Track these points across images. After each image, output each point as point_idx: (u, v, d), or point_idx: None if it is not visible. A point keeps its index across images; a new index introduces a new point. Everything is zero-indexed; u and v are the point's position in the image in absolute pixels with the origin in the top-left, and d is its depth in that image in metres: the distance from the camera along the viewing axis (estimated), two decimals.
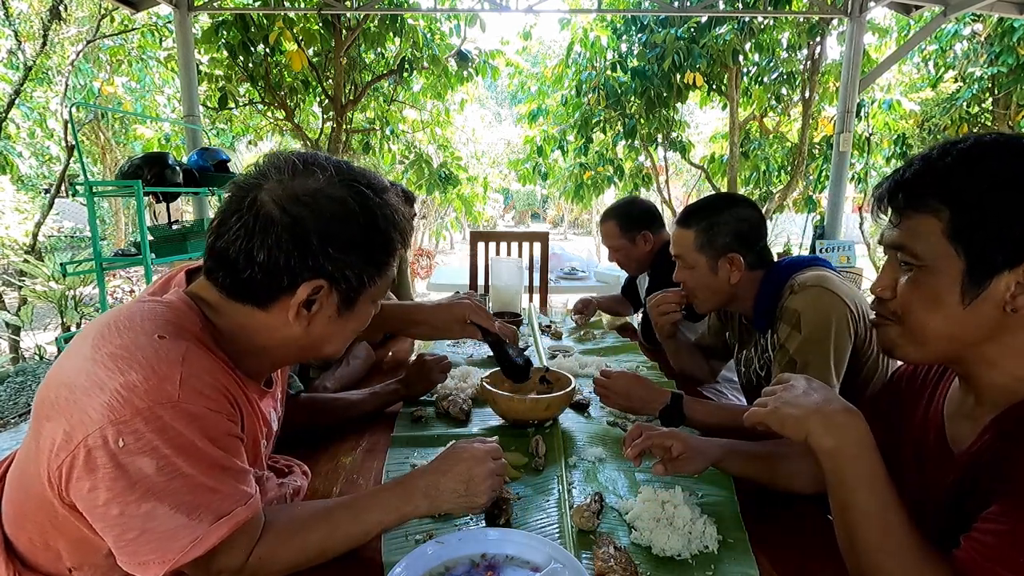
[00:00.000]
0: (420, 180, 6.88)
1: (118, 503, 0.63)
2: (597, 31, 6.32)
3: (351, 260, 0.73)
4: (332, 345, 0.82)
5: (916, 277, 0.71)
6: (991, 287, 0.65)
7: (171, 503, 0.64)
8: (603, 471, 1.12)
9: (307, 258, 0.70)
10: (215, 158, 3.86)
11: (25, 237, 6.18)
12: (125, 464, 0.62)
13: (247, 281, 0.71)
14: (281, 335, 0.76)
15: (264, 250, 0.69)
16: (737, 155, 6.64)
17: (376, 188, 0.75)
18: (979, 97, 7.04)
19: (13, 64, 6.61)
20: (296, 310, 0.73)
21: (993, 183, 0.64)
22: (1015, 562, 0.59)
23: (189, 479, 0.65)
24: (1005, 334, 0.68)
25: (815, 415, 0.73)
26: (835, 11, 4.95)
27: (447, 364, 1.50)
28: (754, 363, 1.47)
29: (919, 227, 0.69)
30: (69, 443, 0.62)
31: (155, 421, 0.62)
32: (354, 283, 0.74)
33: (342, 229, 0.71)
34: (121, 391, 0.62)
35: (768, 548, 0.87)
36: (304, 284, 0.71)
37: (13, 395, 4.10)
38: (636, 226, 2.15)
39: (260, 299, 0.73)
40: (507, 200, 19.89)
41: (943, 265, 0.67)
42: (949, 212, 0.66)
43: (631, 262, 2.23)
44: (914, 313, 0.71)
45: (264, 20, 5.09)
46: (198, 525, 0.65)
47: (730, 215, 1.38)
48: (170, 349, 0.66)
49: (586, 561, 0.84)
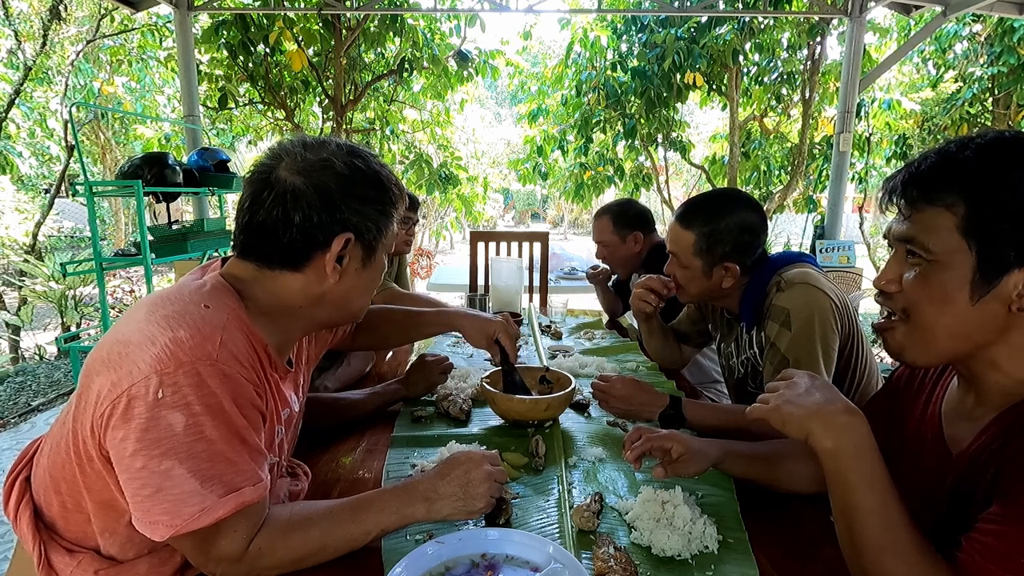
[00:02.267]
0: (420, 180, 6.88)
1: (143, 455, 0.67)
2: (597, 31, 6.32)
3: (369, 211, 0.83)
4: (360, 299, 0.89)
5: (925, 272, 0.69)
6: (1001, 285, 0.64)
7: (189, 466, 0.68)
8: (603, 471, 1.12)
9: (335, 213, 0.79)
10: (215, 158, 3.86)
11: (25, 237, 6.19)
12: (159, 417, 0.67)
13: (288, 245, 0.79)
14: (316, 293, 0.83)
15: (299, 212, 0.78)
16: (737, 155, 6.64)
17: (372, 155, 0.87)
18: (979, 97, 7.04)
19: (13, 64, 6.61)
20: (332, 265, 0.81)
21: (1011, 179, 0.63)
22: (1015, 563, 0.59)
23: (210, 444, 0.69)
24: (1010, 333, 0.67)
25: (816, 415, 0.72)
26: (835, 11, 4.95)
27: (447, 364, 1.50)
28: (734, 356, 1.48)
29: (932, 220, 0.67)
30: (115, 390, 0.68)
31: (194, 376, 0.68)
32: (375, 232, 0.84)
33: (358, 187, 0.82)
34: (170, 345, 0.69)
35: (768, 548, 0.87)
36: (337, 238, 0.80)
37: (13, 395, 4.10)
38: (629, 225, 2.18)
39: (297, 261, 0.80)
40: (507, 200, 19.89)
41: (954, 260, 0.66)
42: (965, 207, 0.65)
43: (617, 260, 2.26)
44: (922, 309, 0.70)
45: (264, 20, 5.10)
46: (208, 495, 0.68)
47: (733, 221, 1.33)
48: (214, 316, 0.74)
49: (586, 561, 0.84)
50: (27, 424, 3.63)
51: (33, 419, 3.71)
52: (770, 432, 0.79)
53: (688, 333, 1.75)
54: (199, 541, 0.71)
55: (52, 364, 4.86)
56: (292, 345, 0.92)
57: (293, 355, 0.96)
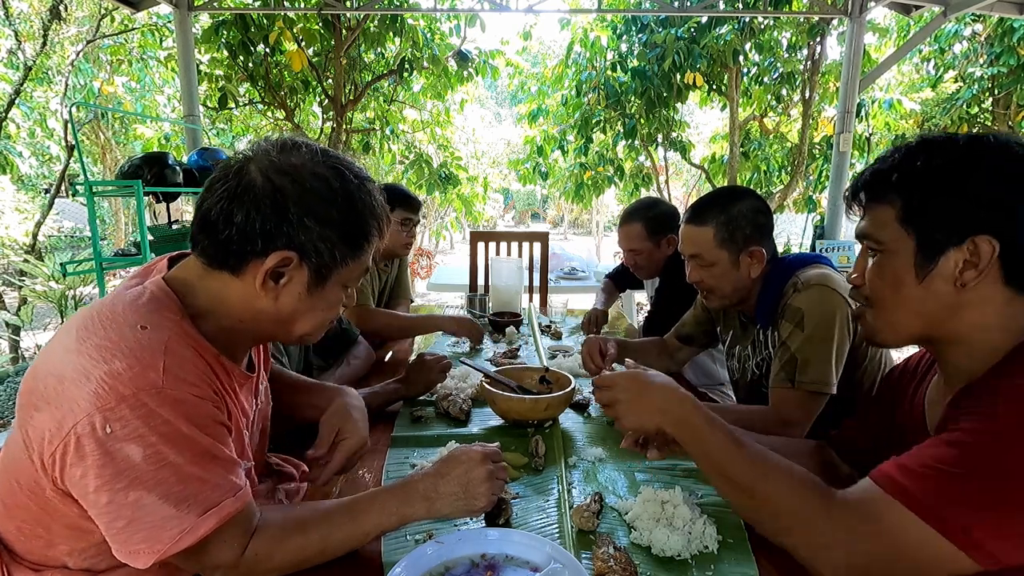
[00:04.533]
0: (420, 180, 6.88)
1: (107, 491, 0.64)
2: (597, 31, 6.32)
3: (325, 234, 0.75)
4: (303, 325, 0.81)
5: (879, 261, 0.80)
6: (940, 264, 0.73)
7: (159, 493, 0.65)
8: (603, 471, 1.12)
9: (282, 225, 0.72)
10: (215, 158, 3.86)
11: (25, 237, 6.19)
12: (112, 451, 0.63)
13: (224, 243, 0.73)
14: (254, 307, 0.77)
15: (243, 212, 0.71)
16: (737, 155, 6.64)
17: (357, 174, 0.79)
18: (979, 97, 7.04)
19: (13, 64, 6.61)
20: (263, 278, 0.74)
21: (933, 173, 0.74)
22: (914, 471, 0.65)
23: (176, 468, 0.66)
24: (963, 311, 0.74)
25: (657, 413, 0.87)
26: (835, 11, 4.95)
27: (447, 364, 1.50)
28: (751, 359, 1.47)
29: (879, 216, 0.79)
30: (60, 431, 0.64)
31: (140, 408, 0.64)
32: (326, 259, 0.76)
33: (320, 204, 0.74)
34: (106, 379, 0.64)
35: (768, 548, 0.87)
36: (274, 252, 0.73)
37: (13, 395, 4.10)
38: (661, 229, 2.09)
39: (234, 264, 0.74)
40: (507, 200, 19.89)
41: (899, 247, 0.77)
42: (900, 200, 0.76)
43: (650, 265, 2.16)
44: (880, 294, 0.81)
45: (264, 20, 5.09)
46: (186, 516, 0.66)
47: (744, 207, 1.34)
48: (152, 339, 0.68)
49: (586, 561, 0.84)
50: None
51: None
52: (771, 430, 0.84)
53: (693, 335, 1.74)
54: (188, 557, 0.70)
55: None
56: (246, 350, 0.87)
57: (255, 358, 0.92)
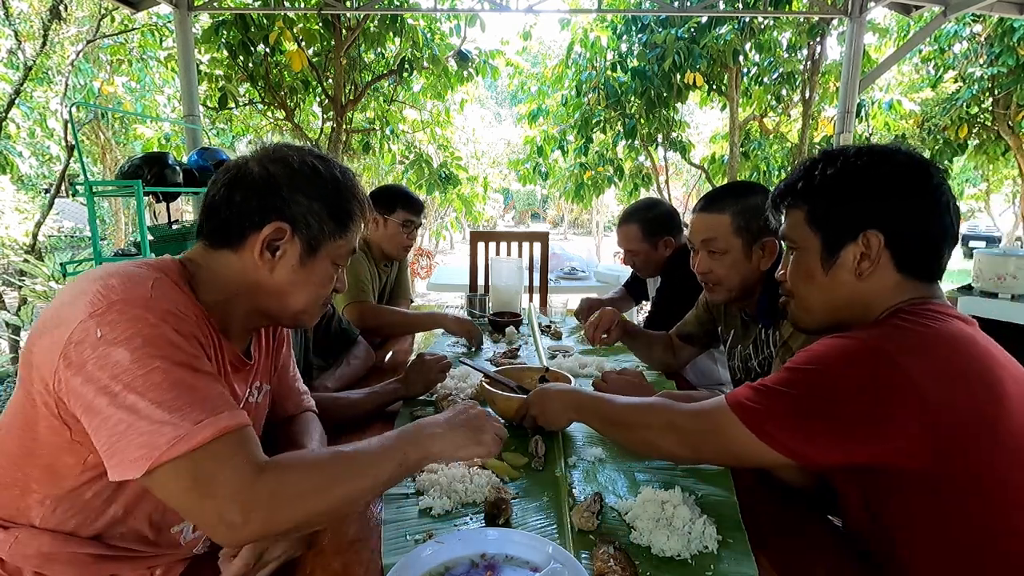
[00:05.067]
0: (420, 180, 6.88)
1: (105, 396, 0.66)
2: (597, 31, 6.32)
3: (314, 209, 0.84)
4: (296, 299, 0.87)
5: (795, 257, 0.94)
6: (842, 257, 0.86)
7: (151, 398, 0.65)
8: (603, 471, 1.12)
9: (276, 201, 0.82)
10: (215, 158, 3.85)
11: (25, 237, 6.19)
12: (105, 355, 0.66)
13: (224, 222, 0.82)
14: (252, 279, 0.84)
15: (240, 193, 0.82)
16: (737, 155, 6.64)
17: (340, 166, 0.89)
18: (979, 97, 7.04)
19: (13, 64, 6.61)
20: (261, 248, 0.82)
21: (829, 180, 0.87)
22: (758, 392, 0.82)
23: (166, 373, 0.67)
24: (863, 296, 0.86)
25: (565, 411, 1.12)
26: (835, 11, 4.95)
27: (446, 364, 1.50)
28: (753, 359, 1.47)
29: (793, 219, 0.92)
30: (58, 344, 0.68)
31: (128, 311, 0.69)
32: (315, 231, 0.84)
33: (308, 184, 0.84)
34: (100, 291, 0.70)
35: (768, 548, 0.87)
36: (269, 224, 0.81)
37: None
38: (659, 231, 2.09)
39: (232, 239, 0.83)
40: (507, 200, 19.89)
41: (808, 245, 0.90)
42: (806, 205, 0.90)
43: (648, 266, 2.17)
44: (796, 286, 0.94)
45: (264, 20, 5.09)
46: (180, 423, 0.65)
47: (759, 200, 1.34)
48: (145, 272, 0.76)
49: (586, 561, 0.84)
50: None
51: None
52: None
53: (694, 334, 1.74)
54: (195, 479, 0.65)
55: None
56: (245, 335, 0.92)
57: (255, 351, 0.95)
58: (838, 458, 0.77)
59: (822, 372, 0.77)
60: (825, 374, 0.76)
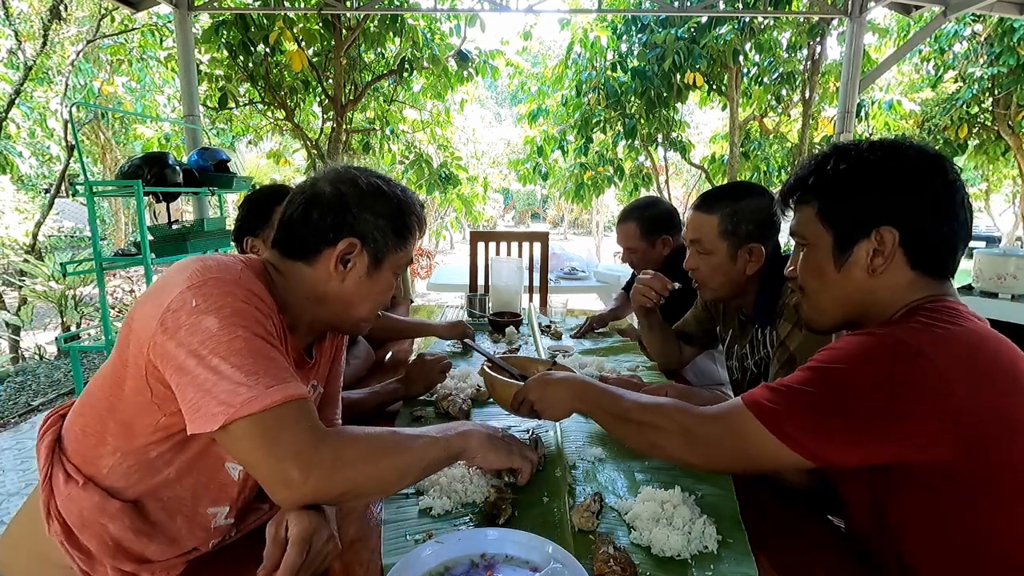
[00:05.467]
0: (420, 180, 6.88)
1: (193, 358, 0.74)
2: (597, 31, 6.32)
3: (380, 224, 0.92)
4: (361, 308, 0.96)
5: (806, 255, 0.92)
6: (854, 253, 0.85)
7: (233, 362, 0.73)
8: (603, 471, 1.12)
9: (347, 218, 0.90)
10: (215, 158, 3.86)
11: (25, 237, 6.19)
12: (197, 323, 0.75)
13: (301, 239, 0.91)
14: (321, 289, 0.92)
15: (317, 211, 0.90)
16: (737, 155, 6.64)
17: (401, 185, 0.98)
18: (979, 97, 7.05)
19: (13, 64, 6.61)
20: (335, 262, 0.90)
21: (841, 175, 0.85)
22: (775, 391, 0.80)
23: (247, 341, 0.75)
24: (876, 294, 0.85)
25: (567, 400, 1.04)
26: (835, 11, 4.95)
27: (447, 364, 1.50)
28: (749, 358, 1.47)
29: (803, 215, 0.90)
30: (158, 311, 0.76)
31: (220, 286, 0.78)
32: (381, 245, 0.93)
33: (375, 202, 0.92)
34: (199, 269, 0.80)
35: (768, 548, 0.87)
36: (343, 240, 0.90)
37: (13, 395, 4.10)
38: (657, 230, 2.09)
39: (308, 253, 0.91)
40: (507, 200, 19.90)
41: (820, 241, 0.88)
42: (817, 201, 0.88)
43: (645, 264, 2.15)
44: (807, 283, 0.92)
45: (264, 20, 5.09)
46: (255, 385, 0.73)
47: (752, 203, 1.36)
48: (236, 261, 0.86)
49: (585, 561, 0.84)
50: (27, 424, 3.63)
51: (33, 419, 3.71)
52: None
53: (693, 334, 1.75)
54: (263, 436, 0.72)
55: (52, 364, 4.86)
56: (306, 336, 0.99)
57: (317, 352, 1.03)
58: (856, 459, 0.75)
59: (841, 370, 0.76)
60: (844, 371, 0.75)
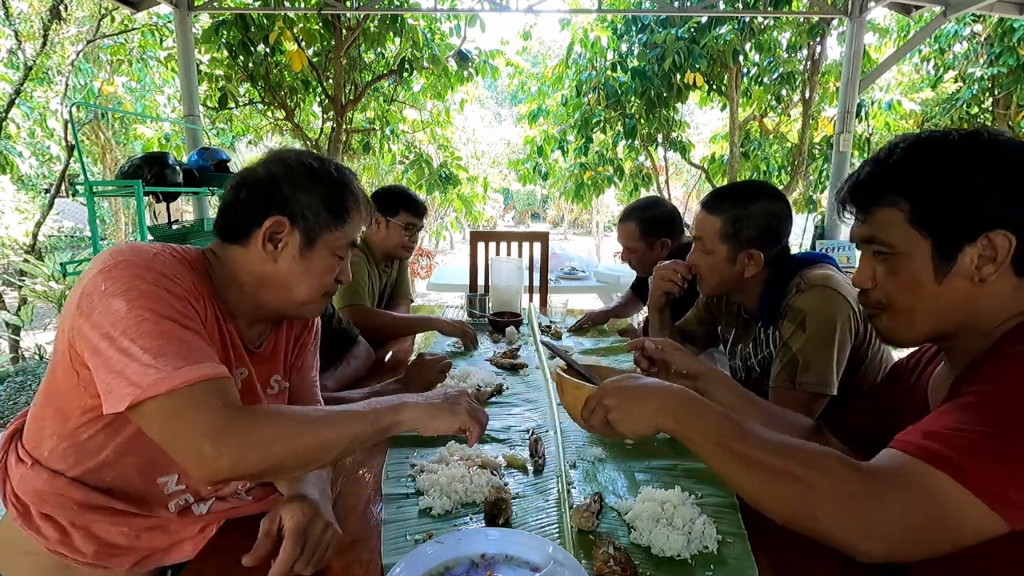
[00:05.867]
0: (420, 180, 6.87)
1: (106, 339, 0.75)
2: (597, 31, 6.32)
3: (310, 203, 0.92)
4: (300, 289, 0.94)
5: (892, 265, 0.78)
6: (959, 262, 0.73)
7: (142, 345, 0.74)
8: (603, 471, 1.12)
9: (275, 197, 0.91)
10: (215, 158, 3.86)
11: (25, 237, 6.18)
12: (106, 305, 0.77)
13: (232, 221, 0.92)
14: (257, 271, 0.92)
15: (244, 192, 0.92)
16: (737, 155, 6.64)
17: (337, 164, 0.97)
18: (979, 97, 7.04)
19: (13, 64, 6.61)
20: (263, 240, 0.90)
21: (938, 172, 0.73)
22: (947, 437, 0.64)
23: (155, 324, 0.76)
24: (977, 302, 0.74)
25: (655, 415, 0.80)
26: (835, 11, 4.95)
27: (446, 364, 1.50)
28: (752, 357, 1.47)
29: (884, 219, 0.77)
30: (77, 296, 0.79)
31: (131, 268, 0.79)
32: (312, 223, 0.92)
33: (306, 181, 0.92)
34: (111, 253, 0.82)
35: (768, 548, 0.87)
36: (270, 218, 0.90)
37: (13, 395, 4.10)
38: (656, 231, 2.10)
39: (240, 235, 0.92)
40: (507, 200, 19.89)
41: (913, 249, 0.75)
42: (907, 202, 0.75)
43: (644, 265, 2.18)
44: (897, 297, 0.79)
45: (264, 20, 5.09)
46: (163, 367, 0.74)
47: (759, 208, 1.34)
48: (154, 247, 0.86)
49: (585, 561, 0.84)
50: None
51: None
52: None
53: (695, 334, 1.75)
54: (173, 416, 0.73)
55: None
56: (255, 324, 1.00)
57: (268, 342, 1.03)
58: None
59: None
60: None
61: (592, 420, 0.86)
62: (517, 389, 1.59)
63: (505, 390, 1.56)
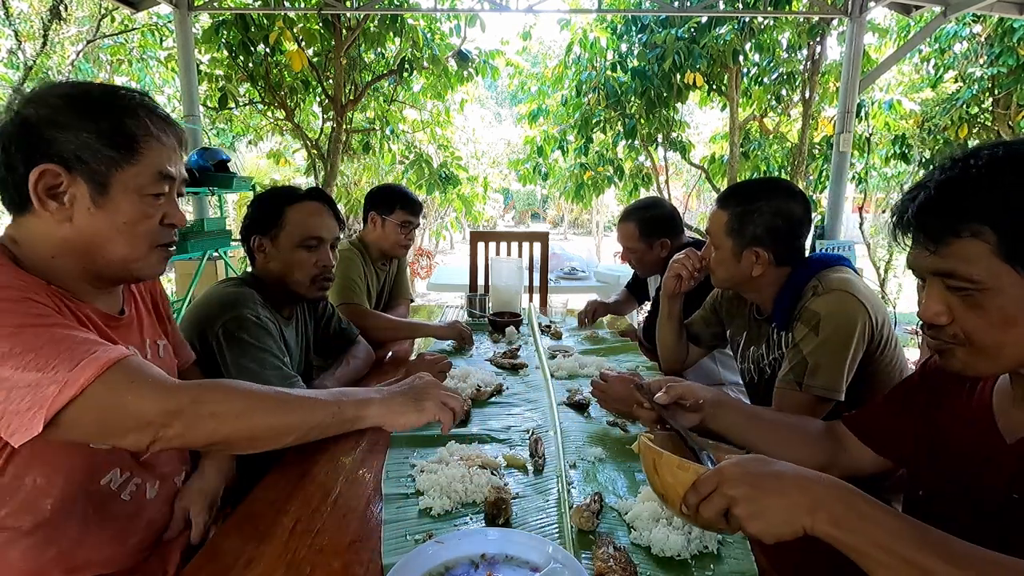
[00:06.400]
0: (420, 180, 6.87)
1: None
2: (597, 31, 6.32)
3: (82, 140, 0.75)
4: (116, 247, 0.80)
5: (979, 301, 0.68)
6: None
7: (14, 365, 0.65)
8: (603, 471, 1.12)
9: (36, 144, 0.73)
10: (215, 158, 3.86)
11: None
12: None
13: (5, 186, 0.76)
14: (58, 237, 0.77)
15: (3, 146, 0.74)
16: (737, 155, 6.64)
17: (104, 86, 0.80)
18: (979, 97, 7.03)
19: (13, 64, 6.61)
20: (40, 199, 0.74)
21: None
22: None
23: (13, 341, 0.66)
24: None
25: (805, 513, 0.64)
26: (835, 11, 4.95)
27: (447, 363, 1.50)
28: (764, 359, 1.47)
29: (966, 251, 0.66)
30: None
31: None
32: (94, 165, 0.76)
33: (65, 115, 0.74)
34: None
35: (768, 548, 0.87)
36: (34, 169, 0.73)
37: None
38: (656, 232, 2.11)
39: (17, 203, 0.76)
40: (507, 200, 19.89)
41: (1004, 284, 0.66)
42: (994, 233, 0.64)
43: (643, 265, 2.19)
44: (983, 335, 0.69)
45: (264, 20, 5.09)
46: (57, 374, 0.66)
47: (770, 206, 1.33)
48: None
49: (586, 561, 0.84)
50: None
51: None
52: None
53: (700, 334, 1.75)
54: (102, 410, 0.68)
55: None
56: (102, 294, 0.87)
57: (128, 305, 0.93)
58: None
59: None
60: None
61: (706, 511, 0.68)
62: (517, 389, 1.59)
63: (505, 390, 1.56)
